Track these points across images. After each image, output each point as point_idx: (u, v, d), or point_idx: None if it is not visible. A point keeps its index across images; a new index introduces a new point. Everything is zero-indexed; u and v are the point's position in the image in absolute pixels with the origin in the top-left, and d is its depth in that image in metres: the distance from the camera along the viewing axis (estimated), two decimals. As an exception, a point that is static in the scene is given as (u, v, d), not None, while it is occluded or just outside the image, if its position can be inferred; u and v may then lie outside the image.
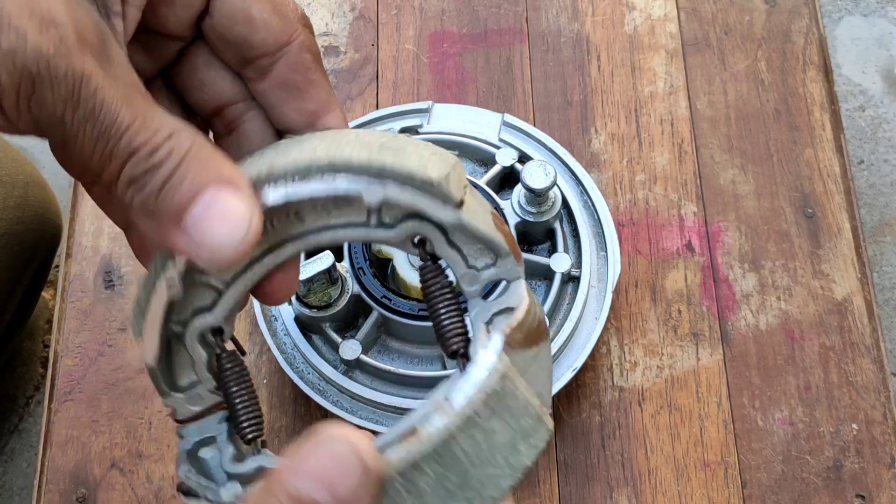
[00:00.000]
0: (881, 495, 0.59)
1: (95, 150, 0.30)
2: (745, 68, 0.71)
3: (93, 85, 0.29)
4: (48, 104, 0.29)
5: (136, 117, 0.30)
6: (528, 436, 0.35)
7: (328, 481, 0.30)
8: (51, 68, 0.29)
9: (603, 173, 0.67)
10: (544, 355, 0.36)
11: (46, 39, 0.28)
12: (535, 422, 0.35)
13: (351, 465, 0.31)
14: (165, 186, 0.31)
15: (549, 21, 0.73)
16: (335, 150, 0.34)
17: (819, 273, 0.64)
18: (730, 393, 0.61)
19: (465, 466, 0.34)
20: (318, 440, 0.31)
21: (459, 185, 0.35)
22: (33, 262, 0.87)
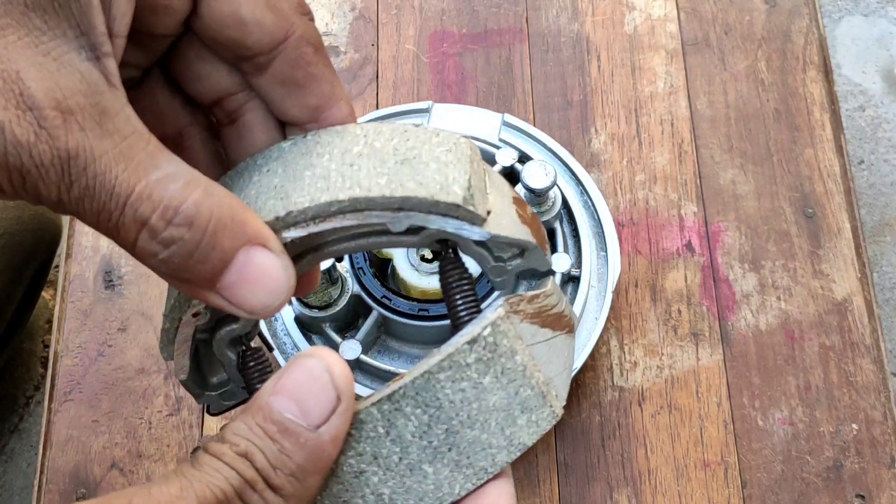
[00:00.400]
0: (881, 495, 0.59)
1: (100, 223, 0.29)
2: (745, 68, 0.71)
3: (81, 162, 0.28)
4: (41, 190, 0.28)
5: (139, 181, 0.29)
6: (528, 409, 0.33)
7: (299, 398, 0.30)
8: (34, 157, 0.28)
9: (603, 173, 0.67)
10: (562, 345, 0.35)
11: (25, 127, 0.27)
12: (538, 397, 0.33)
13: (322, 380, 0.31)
14: (192, 258, 0.30)
15: (549, 21, 0.73)
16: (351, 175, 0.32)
17: (819, 273, 0.64)
18: (730, 393, 0.61)
19: (454, 422, 0.33)
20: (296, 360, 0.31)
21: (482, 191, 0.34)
22: (33, 262, 0.87)
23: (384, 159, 0.33)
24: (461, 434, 0.33)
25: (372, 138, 0.33)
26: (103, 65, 0.29)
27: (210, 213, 0.29)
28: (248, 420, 0.30)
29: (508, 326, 0.33)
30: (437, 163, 0.33)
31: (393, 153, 0.33)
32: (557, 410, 0.34)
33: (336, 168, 0.32)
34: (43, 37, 0.28)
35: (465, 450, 0.33)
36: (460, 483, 0.33)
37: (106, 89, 0.29)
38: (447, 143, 0.34)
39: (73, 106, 0.28)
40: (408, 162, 0.33)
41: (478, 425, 0.33)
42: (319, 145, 0.33)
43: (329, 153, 0.33)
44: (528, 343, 0.34)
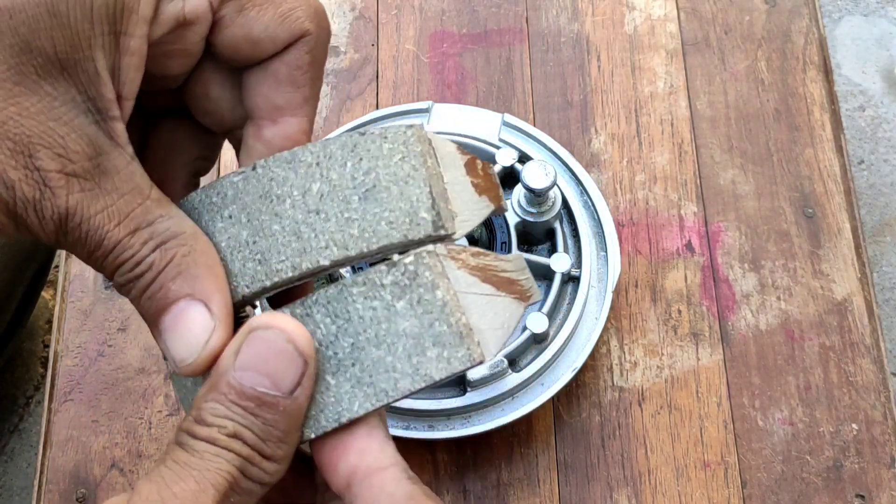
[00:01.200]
0: (881, 495, 0.59)
1: (88, 261, 0.33)
2: (745, 68, 0.71)
3: (77, 219, 0.32)
4: (40, 235, 0.32)
5: (125, 235, 0.32)
6: (441, 345, 0.33)
7: (268, 371, 0.32)
8: (37, 211, 0.31)
9: (603, 173, 0.67)
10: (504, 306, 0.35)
11: (32, 186, 0.31)
12: (455, 336, 0.33)
13: (287, 351, 0.32)
14: (144, 294, 0.33)
15: (549, 21, 0.73)
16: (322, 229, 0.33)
17: (819, 273, 0.64)
18: (730, 393, 0.61)
19: (360, 337, 0.33)
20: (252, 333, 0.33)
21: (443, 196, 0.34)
22: (33, 262, 0.87)
23: (347, 198, 0.33)
24: (366, 351, 0.33)
25: (326, 167, 0.34)
26: (110, 127, 0.32)
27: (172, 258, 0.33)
28: (222, 399, 0.32)
29: (435, 262, 0.33)
30: (398, 184, 0.34)
31: (352, 185, 0.33)
32: (475, 355, 0.33)
33: (303, 218, 0.33)
34: (54, 102, 0.31)
35: (368, 367, 0.33)
36: (360, 401, 0.33)
37: (111, 150, 0.32)
38: (398, 148, 0.34)
39: (77, 169, 0.31)
40: (370, 194, 0.33)
41: (384, 346, 0.33)
42: (275, 184, 0.34)
43: (290, 197, 0.34)
44: (460, 289, 0.34)
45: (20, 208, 0.31)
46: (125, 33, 0.31)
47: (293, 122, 0.36)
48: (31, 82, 0.31)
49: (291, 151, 0.34)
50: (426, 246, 0.33)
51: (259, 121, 0.36)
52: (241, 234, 0.34)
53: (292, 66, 0.35)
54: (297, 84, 0.36)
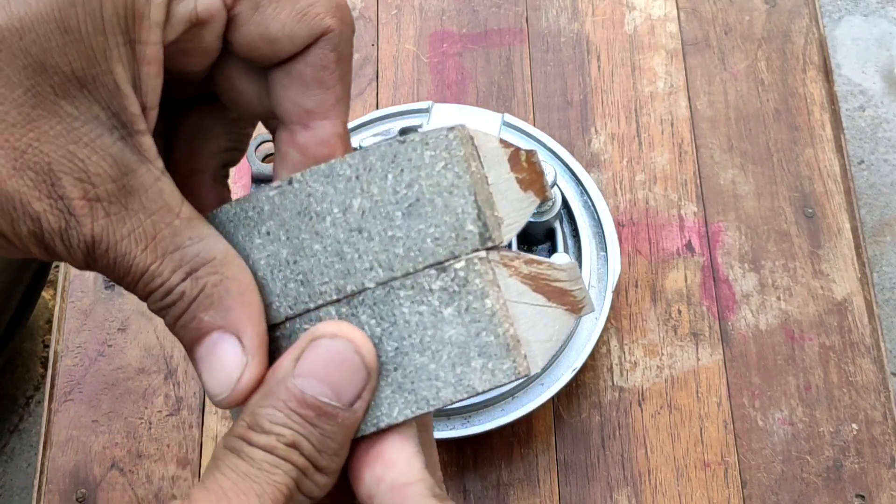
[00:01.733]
0: (881, 495, 0.59)
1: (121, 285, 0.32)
2: (745, 68, 0.71)
3: (104, 245, 0.31)
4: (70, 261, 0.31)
5: (154, 261, 0.31)
6: (486, 355, 0.32)
7: (331, 380, 0.31)
8: (64, 240, 0.31)
9: (603, 173, 0.67)
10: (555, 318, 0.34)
11: (57, 216, 0.30)
12: (501, 347, 0.32)
13: (353, 361, 0.31)
14: (178, 323, 0.33)
15: (549, 21, 0.73)
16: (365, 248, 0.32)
17: (819, 273, 0.64)
18: (730, 393, 0.61)
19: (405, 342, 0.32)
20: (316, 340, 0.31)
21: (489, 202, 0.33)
22: (33, 261, 0.87)
23: (390, 214, 0.32)
24: (410, 357, 0.32)
25: (366, 181, 0.32)
26: (137, 141, 0.31)
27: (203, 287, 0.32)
28: (281, 406, 0.31)
29: (486, 269, 0.32)
30: (442, 195, 0.32)
31: (395, 200, 0.32)
32: (521, 369, 0.32)
33: (345, 238, 0.32)
34: (75, 122, 0.30)
35: (411, 374, 0.32)
36: (399, 407, 0.32)
37: (138, 167, 0.31)
38: (441, 155, 0.33)
39: (100, 193, 0.30)
40: (414, 208, 0.32)
41: (429, 353, 0.32)
42: (314, 199, 0.33)
43: (330, 214, 0.32)
44: (510, 298, 0.33)
45: (48, 238, 0.30)
46: (140, 41, 0.30)
47: (327, 125, 0.34)
48: (50, 103, 0.29)
49: (329, 164, 0.33)
50: (479, 252, 0.32)
51: (291, 126, 0.34)
52: (280, 252, 0.33)
53: (317, 66, 0.33)
54: (326, 85, 0.34)
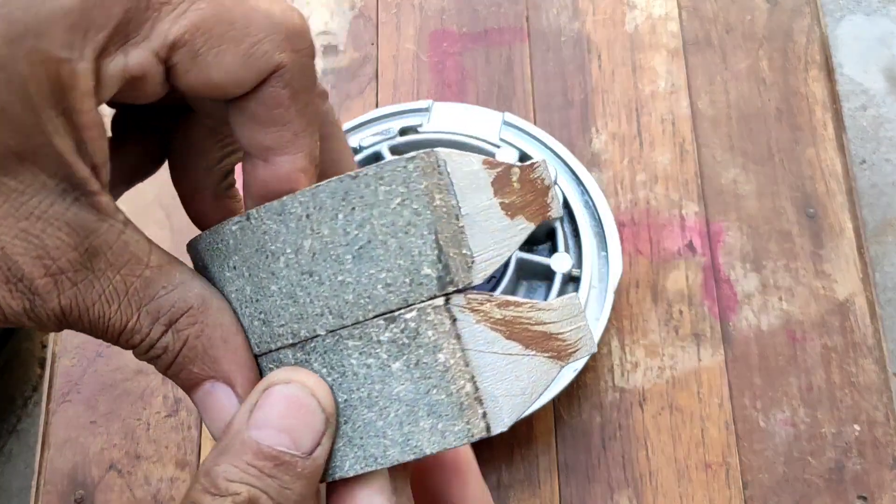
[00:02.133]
0: (883, 496, 0.58)
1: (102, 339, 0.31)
2: (747, 67, 0.70)
3: (75, 314, 0.30)
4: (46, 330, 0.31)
5: (129, 318, 0.31)
6: (436, 415, 0.30)
7: (289, 429, 0.30)
8: (32, 319, 0.30)
9: (604, 173, 0.67)
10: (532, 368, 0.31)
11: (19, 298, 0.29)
12: (453, 407, 0.29)
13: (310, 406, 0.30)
14: (168, 372, 0.32)
15: (550, 20, 0.72)
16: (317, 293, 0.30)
17: (821, 273, 0.64)
18: (731, 394, 0.61)
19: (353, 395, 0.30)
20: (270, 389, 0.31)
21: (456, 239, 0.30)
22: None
23: (340, 257, 0.30)
24: (358, 411, 0.30)
25: (316, 220, 0.30)
26: (93, 201, 0.29)
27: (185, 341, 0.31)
28: (237, 461, 0.30)
29: (442, 319, 0.29)
30: (396, 235, 0.30)
31: (345, 242, 0.30)
32: (476, 431, 0.29)
33: (297, 280, 0.31)
34: (22, 197, 0.28)
35: (360, 429, 0.30)
36: (350, 462, 0.31)
37: (98, 225, 0.30)
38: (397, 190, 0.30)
39: (62, 266, 0.29)
40: (365, 251, 0.30)
41: (376, 409, 0.30)
42: (269, 238, 0.31)
43: (283, 254, 0.31)
44: (475, 348, 0.30)
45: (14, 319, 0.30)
46: (74, 111, 0.28)
47: (286, 160, 0.32)
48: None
49: (281, 201, 0.31)
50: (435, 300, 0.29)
51: (252, 158, 0.33)
52: (245, 288, 0.32)
53: (270, 104, 0.31)
54: (282, 122, 0.32)
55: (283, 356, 0.32)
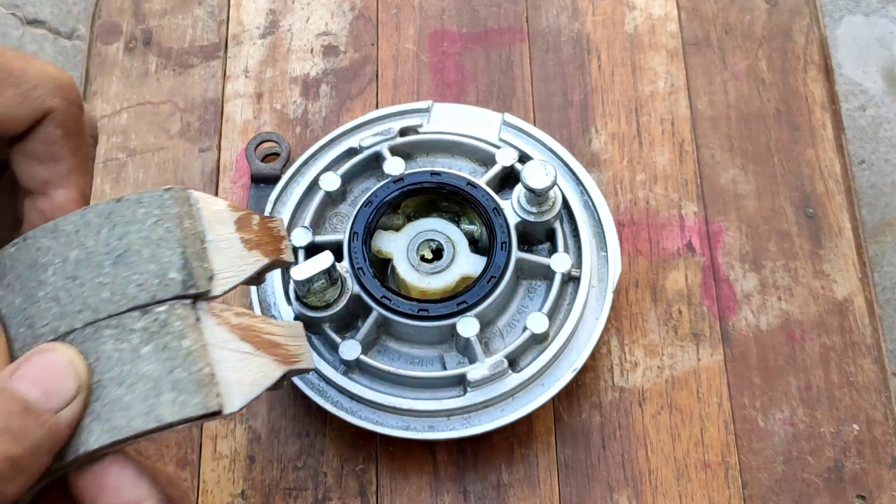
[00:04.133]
0: (882, 496, 0.59)
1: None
2: (746, 68, 0.71)
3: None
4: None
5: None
6: (178, 390, 0.35)
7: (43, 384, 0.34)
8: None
9: (603, 173, 0.67)
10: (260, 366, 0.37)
11: None
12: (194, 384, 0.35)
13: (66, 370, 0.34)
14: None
15: (550, 20, 0.72)
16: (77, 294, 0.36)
17: (820, 273, 0.64)
18: (730, 393, 0.61)
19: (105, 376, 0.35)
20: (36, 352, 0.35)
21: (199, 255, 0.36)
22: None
23: (100, 263, 0.36)
24: (108, 389, 0.35)
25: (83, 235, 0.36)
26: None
27: None
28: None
29: (188, 314, 0.36)
30: (149, 247, 0.36)
31: (105, 251, 0.36)
32: (211, 404, 0.35)
33: (62, 285, 0.36)
34: None
35: (108, 405, 0.35)
36: (95, 435, 0.34)
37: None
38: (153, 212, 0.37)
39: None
40: (122, 258, 0.36)
41: (125, 385, 0.35)
42: (41, 253, 0.36)
43: (52, 265, 0.36)
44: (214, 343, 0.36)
45: None
46: None
47: (62, 192, 0.38)
48: None
49: (54, 222, 0.36)
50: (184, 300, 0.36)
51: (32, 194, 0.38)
52: (15, 301, 0.36)
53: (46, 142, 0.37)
54: (57, 158, 0.37)
55: None
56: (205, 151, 0.68)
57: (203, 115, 0.70)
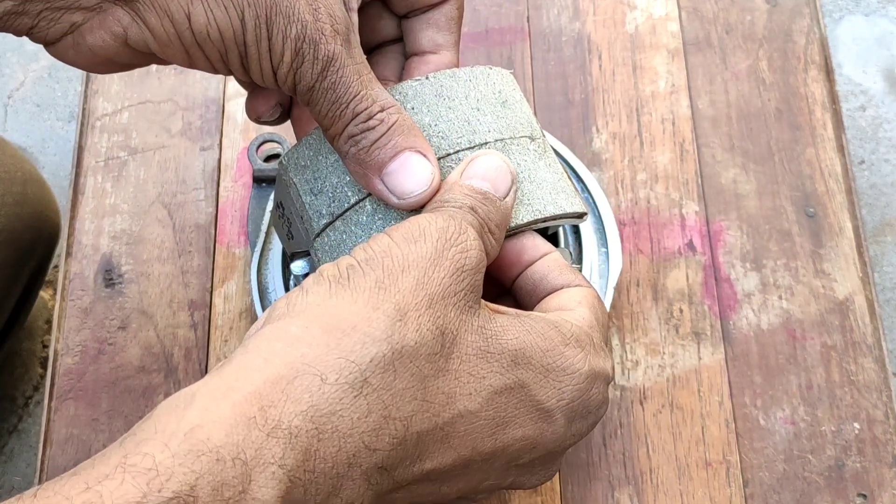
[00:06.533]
0: (883, 494, 0.59)
1: (329, 111, 0.43)
2: (747, 68, 0.71)
3: (337, 64, 0.42)
4: (306, 75, 0.42)
5: (362, 90, 0.42)
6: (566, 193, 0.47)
7: (490, 178, 0.43)
8: (315, 51, 0.41)
9: (604, 172, 0.67)
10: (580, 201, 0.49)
11: (316, 30, 0.41)
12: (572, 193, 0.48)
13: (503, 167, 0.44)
14: (374, 144, 0.43)
15: (551, 20, 0.72)
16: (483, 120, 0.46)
17: (820, 272, 0.64)
18: (731, 392, 0.61)
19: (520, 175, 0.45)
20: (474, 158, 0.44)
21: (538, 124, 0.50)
22: (31, 260, 0.87)
23: (494, 102, 0.47)
24: (523, 185, 0.46)
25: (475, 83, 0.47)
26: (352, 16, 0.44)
27: (396, 119, 0.43)
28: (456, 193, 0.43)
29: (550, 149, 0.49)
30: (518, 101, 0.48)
31: (494, 97, 0.47)
32: (583, 208, 0.48)
33: (469, 113, 0.46)
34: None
35: (526, 195, 0.46)
36: (522, 214, 0.45)
37: (353, 30, 0.43)
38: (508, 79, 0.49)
39: (340, 29, 0.42)
40: (506, 105, 0.47)
41: (534, 184, 0.46)
42: (445, 88, 0.46)
43: (457, 97, 0.46)
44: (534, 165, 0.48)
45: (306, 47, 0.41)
46: None
47: (449, 54, 0.49)
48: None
49: (451, 70, 0.47)
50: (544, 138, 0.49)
51: (425, 55, 0.48)
52: (423, 119, 0.45)
53: (447, 17, 0.48)
54: (451, 30, 0.49)
55: (462, 156, 0.45)
56: (206, 150, 0.68)
57: (204, 113, 0.70)
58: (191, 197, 0.67)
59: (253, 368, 0.36)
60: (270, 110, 0.48)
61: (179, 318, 0.63)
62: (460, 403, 0.39)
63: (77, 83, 1.38)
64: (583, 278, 0.46)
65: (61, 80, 1.39)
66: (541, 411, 0.41)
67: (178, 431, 0.33)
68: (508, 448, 0.41)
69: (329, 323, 0.37)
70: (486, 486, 0.43)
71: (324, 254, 0.47)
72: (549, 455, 0.44)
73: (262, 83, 0.44)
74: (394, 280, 0.38)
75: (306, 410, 0.35)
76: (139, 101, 0.70)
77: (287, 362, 0.36)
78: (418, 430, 0.38)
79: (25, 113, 1.38)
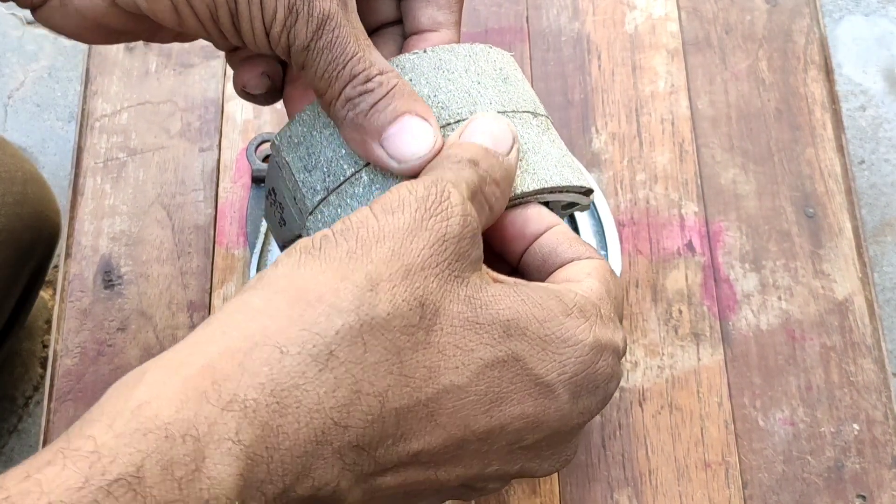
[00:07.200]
0: (882, 495, 0.59)
1: (326, 72, 0.41)
2: (747, 68, 0.71)
3: (333, 23, 0.40)
4: (300, 34, 0.40)
5: (359, 51, 0.41)
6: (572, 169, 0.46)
7: (491, 134, 0.42)
8: (309, 8, 0.40)
9: (603, 173, 0.67)
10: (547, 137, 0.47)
11: None
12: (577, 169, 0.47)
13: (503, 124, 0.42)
14: (373, 108, 0.41)
15: (550, 20, 0.72)
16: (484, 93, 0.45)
17: (820, 273, 0.64)
18: (731, 393, 0.61)
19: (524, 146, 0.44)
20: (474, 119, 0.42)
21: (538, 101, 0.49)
22: (31, 260, 0.87)
23: (495, 78, 0.46)
24: (528, 156, 0.44)
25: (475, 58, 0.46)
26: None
27: (396, 82, 0.41)
28: (458, 149, 0.41)
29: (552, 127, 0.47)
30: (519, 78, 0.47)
31: (494, 72, 0.46)
32: (588, 184, 0.46)
33: (470, 85, 0.45)
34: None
35: (531, 165, 0.44)
36: (527, 182, 0.43)
37: None
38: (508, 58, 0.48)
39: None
40: (507, 81, 0.46)
41: (539, 155, 0.44)
42: (443, 61, 0.45)
43: (457, 70, 0.45)
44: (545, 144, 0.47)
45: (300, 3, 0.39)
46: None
47: (449, 33, 0.47)
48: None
49: (450, 45, 0.46)
50: None
51: (424, 33, 0.47)
52: (422, 90, 0.44)
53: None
54: (452, 8, 0.47)
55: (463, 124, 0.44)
56: (205, 151, 0.68)
57: (203, 114, 0.70)
58: (190, 198, 0.67)
59: (209, 342, 0.34)
60: (256, 79, 0.46)
61: (179, 320, 0.63)
62: (445, 378, 0.36)
63: (77, 83, 1.38)
64: (594, 251, 0.44)
65: (61, 81, 1.39)
66: (540, 386, 0.38)
67: (124, 410, 0.31)
68: (507, 427, 0.38)
69: (294, 295, 0.35)
70: (491, 473, 0.40)
71: (316, 231, 0.44)
72: (557, 436, 0.40)
73: (255, 46, 0.42)
74: (367, 250, 0.36)
75: (265, 383, 0.33)
76: (138, 102, 0.70)
77: (245, 334, 0.34)
78: (396, 407, 0.35)
79: (25, 113, 1.38)
